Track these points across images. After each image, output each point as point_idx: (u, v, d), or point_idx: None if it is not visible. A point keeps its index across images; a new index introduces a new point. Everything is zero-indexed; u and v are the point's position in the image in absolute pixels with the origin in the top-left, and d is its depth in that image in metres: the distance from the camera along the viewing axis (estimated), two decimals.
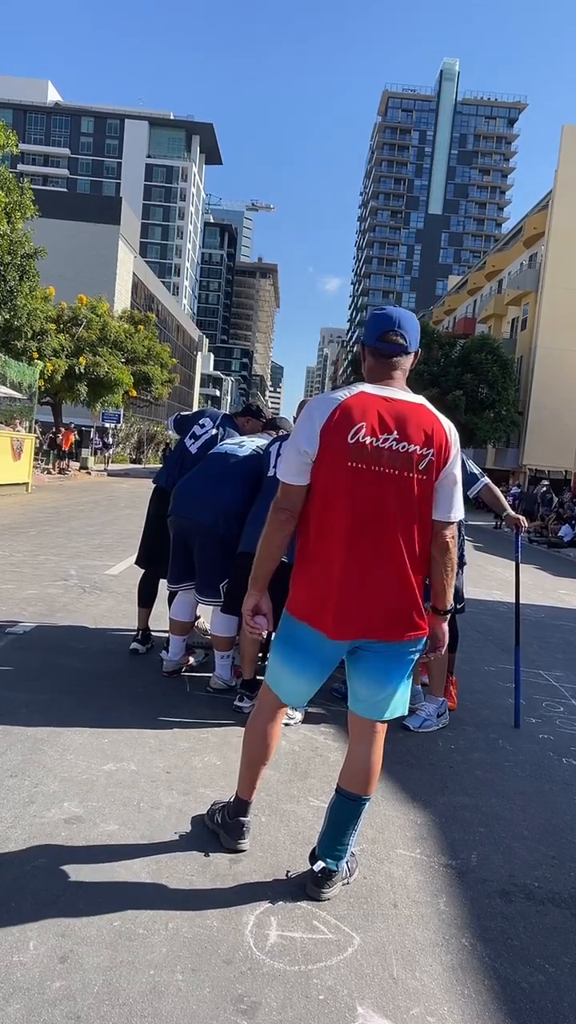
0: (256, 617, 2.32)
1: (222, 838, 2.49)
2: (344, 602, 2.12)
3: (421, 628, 2.22)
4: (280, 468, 2.21)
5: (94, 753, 3.20)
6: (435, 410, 2.18)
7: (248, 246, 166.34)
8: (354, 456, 2.07)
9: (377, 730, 2.31)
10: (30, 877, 2.26)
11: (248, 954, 2.01)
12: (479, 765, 3.49)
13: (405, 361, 2.23)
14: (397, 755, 3.50)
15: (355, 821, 2.32)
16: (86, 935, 2.02)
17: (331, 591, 2.13)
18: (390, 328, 2.20)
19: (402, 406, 2.13)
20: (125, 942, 2.01)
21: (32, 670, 4.22)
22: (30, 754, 3.11)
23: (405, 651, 2.22)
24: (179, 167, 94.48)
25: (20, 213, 16.02)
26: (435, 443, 2.12)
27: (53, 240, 24.44)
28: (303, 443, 2.12)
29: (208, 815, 2.61)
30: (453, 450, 2.18)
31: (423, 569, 2.21)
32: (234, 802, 2.49)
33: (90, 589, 6.61)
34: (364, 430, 2.07)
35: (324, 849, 2.31)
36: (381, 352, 2.21)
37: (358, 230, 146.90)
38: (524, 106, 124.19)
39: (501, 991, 1.98)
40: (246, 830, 2.48)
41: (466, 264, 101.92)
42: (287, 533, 2.23)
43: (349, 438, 2.07)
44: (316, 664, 2.25)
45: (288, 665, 2.27)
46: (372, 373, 2.24)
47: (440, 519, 2.20)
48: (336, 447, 2.07)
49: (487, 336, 38.03)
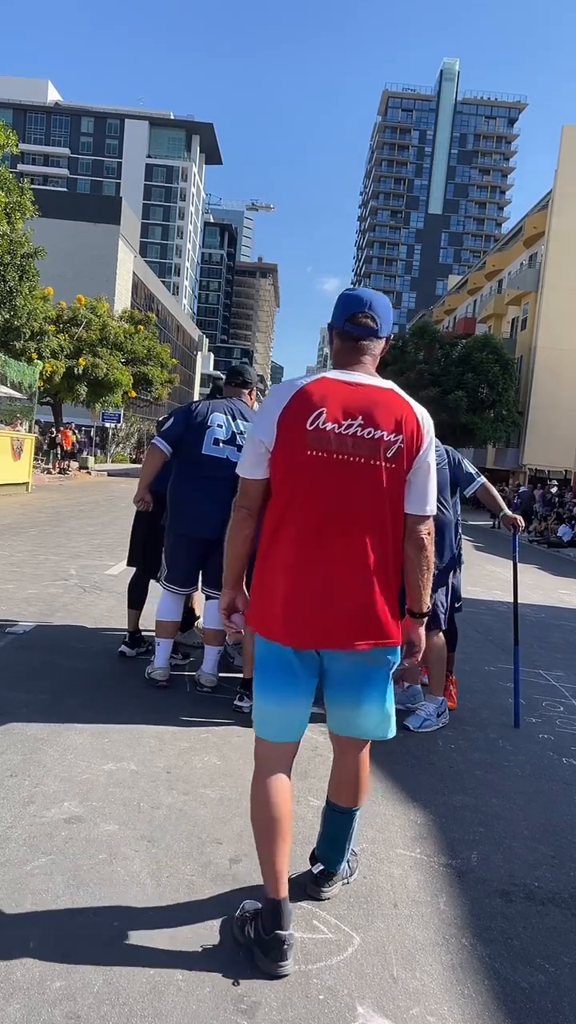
0: (233, 616, 2.17)
1: (257, 958, 1.95)
2: (298, 603, 1.94)
3: (392, 636, 2.00)
4: (239, 463, 2.08)
5: (94, 753, 3.20)
6: (406, 395, 2.03)
7: (248, 246, 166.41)
8: (313, 443, 1.91)
9: (360, 746, 2.16)
10: (30, 877, 2.26)
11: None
12: (479, 765, 3.49)
13: (375, 346, 2.07)
14: (397, 755, 3.50)
15: (349, 829, 2.25)
16: (86, 935, 2.02)
17: (285, 591, 1.95)
18: (360, 310, 2.04)
19: (369, 391, 1.97)
20: (125, 942, 2.01)
21: (32, 670, 4.22)
22: (30, 754, 3.11)
23: (377, 662, 2.02)
24: (179, 167, 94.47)
25: (20, 213, 16.02)
26: (405, 430, 1.95)
27: (53, 240, 24.43)
28: (259, 433, 1.97)
29: (238, 923, 2.06)
30: (426, 438, 2.01)
31: (396, 569, 2.04)
32: (265, 907, 1.99)
33: (90, 589, 6.61)
34: (325, 416, 1.91)
35: (322, 852, 2.28)
36: (350, 335, 2.05)
37: (358, 230, 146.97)
38: (524, 106, 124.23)
39: (501, 991, 1.98)
40: (288, 947, 1.93)
41: (466, 264, 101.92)
42: (248, 532, 2.09)
43: (308, 424, 1.91)
44: (293, 681, 2.01)
45: (267, 693, 2.03)
46: (339, 357, 2.07)
47: (413, 513, 2.02)
48: (294, 434, 1.92)
49: (488, 336, 38.01)
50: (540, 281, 37.16)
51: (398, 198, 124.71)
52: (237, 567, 2.15)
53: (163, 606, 4.24)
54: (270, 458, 1.98)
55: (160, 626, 4.22)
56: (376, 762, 3.36)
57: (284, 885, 1.99)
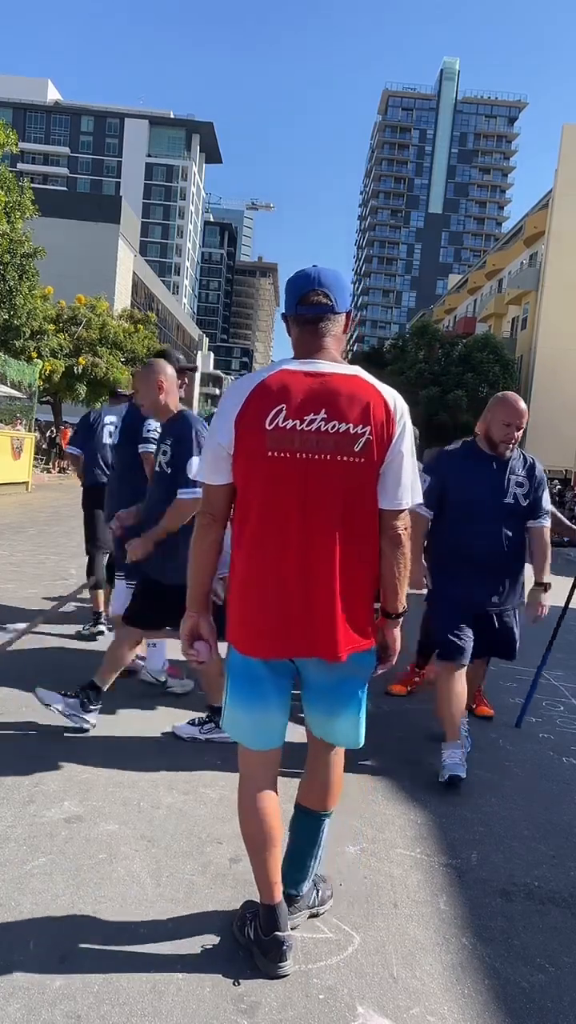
0: (196, 643, 2.02)
1: (257, 959, 1.96)
2: (266, 612, 1.85)
3: (365, 639, 1.92)
4: (198, 467, 1.96)
5: (94, 753, 3.20)
6: (374, 380, 1.87)
7: (248, 245, 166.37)
8: (274, 444, 1.77)
9: (335, 751, 2.09)
10: (30, 877, 2.26)
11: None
12: (479, 765, 3.48)
13: (334, 325, 1.90)
14: (397, 755, 3.50)
15: (316, 838, 2.12)
16: (86, 935, 2.02)
17: (252, 601, 1.86)
18: (309, 288, 1.87)
19: (332, 380, 1.82)
20: (125, 941, 2.01)
21: (32, 670, 4.22)
22: (30, 754, 3.11)
23: (351, 669, 1.92)
24: (179, 166, 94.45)
25: (20, 213, 16.02)
26: (374, 419, 1.80)
27: (53, 239, 24.39)
28: (217, 435, 1.84)
29: (238, 923, 2.08)
30: (398, 425, 1.85)
31: (371, 570, 1.92)
32: (262, 912, 1.98)
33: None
34: (285, 412, 1.77)
35: (286, 874, 2.06)
36: (305, 318, 1.89)
37: (358, 229, 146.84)
38: (524, 105, 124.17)
39: (501, 991, 1.98)
40: (287, 949, 1.94)
41: (466, 263, 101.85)
42: (211, 541, 1.95)
43: (267, 423, 1.77)
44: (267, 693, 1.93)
45: (241, 704, 1.95)
46: (299, 346, 1.92)
47: (388, 508, 1.88)
48: (253, 436, 1.78)
49: (489, 335, 37.99)
50: (540, 281, 37.15)
51: (398, 197, 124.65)
52: (203, 582, 2.00)
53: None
54: (232, 462, 1.85)
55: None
56: (376, 762, 3.37)
57: (278, 890, 1.98)
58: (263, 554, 1.84)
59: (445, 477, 3.46)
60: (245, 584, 1.88)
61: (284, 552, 1.82)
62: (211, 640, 2.05)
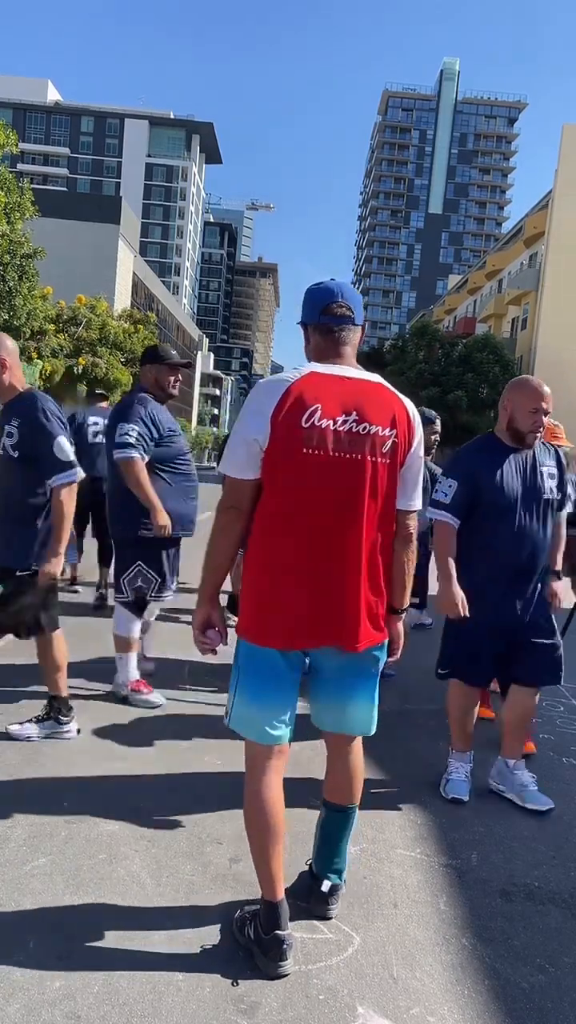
0: (208, 631, 2.07)
1: (257, 959, 1.96)
2: (295, 603, 1.92)
3: (383, 632, 2.05)
4: (225, 461, 2.00)
5: (94, 753, 3.20)
6: (394, 389, 2.01)
7: (248, 245, 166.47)
8: (309, 442, 1.86)
9: (351, 740, 2.16)
10: (30, 877, 2.26)
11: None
12: (479, 765, 3.48)
13: (353, 335, 2.03)
14: (397, 755, 3.50)
15: (348, 830, 2.21)
16: (86, 935, 2.02)
17: (282, 592, 1.92)
18: (333, 300, 2.00)
19: (359, 384, 1.94)
20: (125, 942, 2.01)
21: (32, 670, 4.21)
22: (30, 754, 3.11)
23: (367, 660, 2.04)
24: (179, 166, 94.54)
25: (19, 214, 16.02)
26: (399, 424, 1.94)
27: (53, 240, 24.39)
28: (252, 431, 1.89)
29: (238, 923, 2.09)
30: (417, 432, 2.01)
31: (387, 565, 2.03)
32: (263, 909, 1.99)
33: (90, 589, 6.61)
34: (320, 412, 1.86)
35: (324, 866, 2.19)
36: (327, 327, 2.00)
37: (358, 229, 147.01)
38: (524, 106, 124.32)
39: (501, 991, 1.98)
40: (287, 947, 1.94)
41: (466, 264, 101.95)
42: (237, 534, 2.00)
43: (303, 422, 1.86)
44: (281, 685, 1.99)
45: (254, 699, 1.99)
46: (319, 352, 2.02)
47: (403, 508, 2.03)
48: (289, 433, 1.86)
49: (489, 336, 38.01)
50: (540, 281, 37.17)
51: (398, 198, 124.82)
52: (219, 575, 2.06)
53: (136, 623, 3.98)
54: (263, 458, 1.91)
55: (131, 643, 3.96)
56: (376, 762, 3.36)
57: (281, 887, 2.00)
58: (293, 547, 1.92)
59: (475, 477, 3.02)
60: (271, 575, 1.94)
61: (314, 546, 1.91)
62: (222, 629, 2.09)
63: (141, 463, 3.69)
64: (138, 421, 3.71)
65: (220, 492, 2.03)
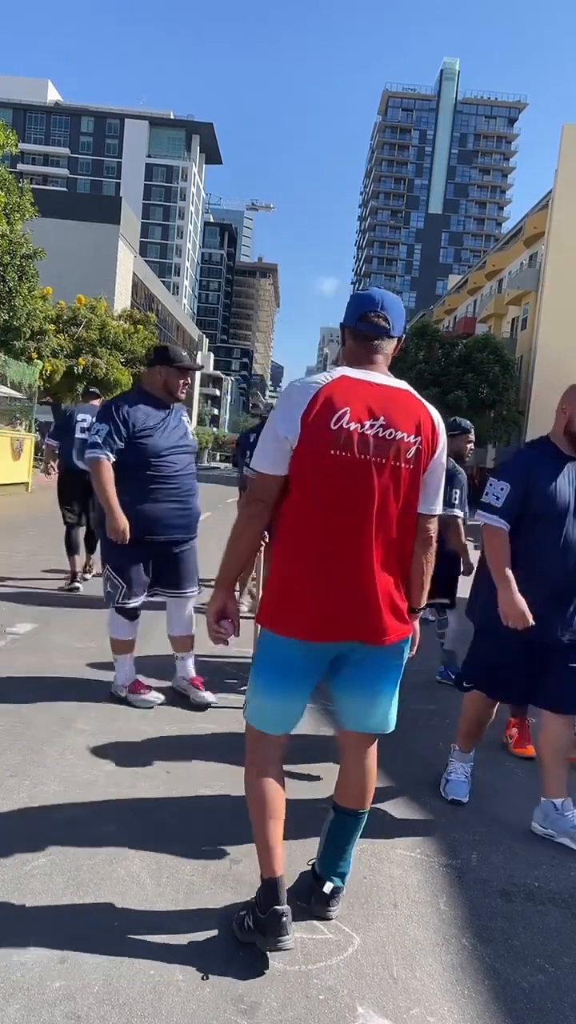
0: (222, 621, 2.13)
1: (258, 941, 1.98)
2: (323, 598, 1.98)
3: (407, 628, 2.11)
4: (255, 456, 2.05)
5: (94, 753, 3.20)
6: (420, 396, 2.08)
7: (248, 246, 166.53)
8: (337, 443, 1.92)
9: (370, 743, 2.20)
10: (30, 877, 2.26)
11: (248, 954, 2.01)
12: (479, 765, 3.48)
13: (387, 345, 2.09)
14: (397, 755, 3.50)
15: (356, 834, 2.22)
16: (86, 935, 2.02)
17: (310, 587, 1.98)
18: (372, 309, 2.06)
19: (388, 391, 2.01)
20: (125, 942, 2.01)
21: (32, 670, 4.22)
22: (30, 754, 3.12)
23: (392, 655, 2.10)
24: (179, 167, 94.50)
25: (19, 214, 16.02)
26: (423, 431, 2.01)
27: (53, 240, 24.39)
28: (282, 429, 1.96)
29: (237, 922, 2.09)
30: (441, 440, 2.07)
31: (407, 565, 2.10)
32: (263, 888, 2.02)
33: (90, 589, 6.61)
34: (348, 415, 1.93)
35: (328, 868, 2.20)
36: (362, 333, 2.07)
37: (358, 230, 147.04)
38: (524, 106, 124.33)
39: (501, 991, 1.98)
40: (286, 921, 1.94)
41: (466, 264, 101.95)
42: (261, 527, 2.07)
43: (332, 424, 1.92)
44: (299, 680, 2.06)
45: (270, 691, 2.06)
46: (352, 356, 2.09)
47: (425, 512, 2.09)
48: (318, 433, 1.92)
49: (489, 336, 38.00)
50: (540, 281, 37.15)
51: (398, 198, 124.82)
52: (239, 565, 2.12)
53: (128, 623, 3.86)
54: (292, 456, 1.97)
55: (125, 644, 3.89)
56: (376, 763, 3.36)
57: (279, 864, 2.04)
58: (317, 544, 1.98)
59: (528, 482, 2.86)
60: (294, 569, 2.00)
61: (337, 543, 1.97)
62: (235, 619, 2.14)
63: (105, 463, 3.62)
64: (111, 420, 3.64)
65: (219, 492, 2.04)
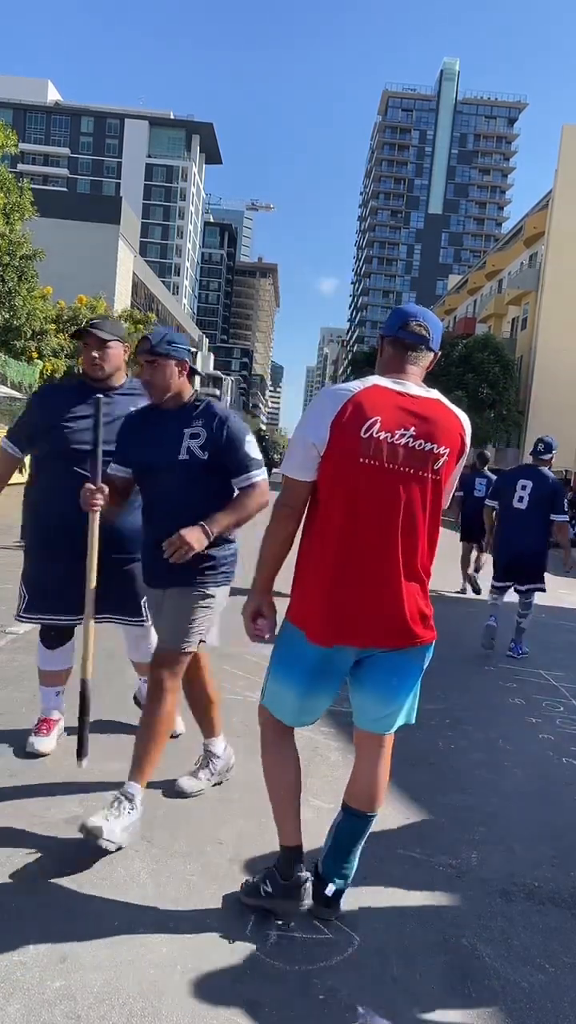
0: (259, 620, 2.16)
1: (276, 908, 2.14)
2: (344, 605, 2.00)
3: (430, 634, 2.11)
4: (284, 461, 2.09)
5: (94, 753, 3.19)
6: (451, 404, 2.08)
7: (248, 246, 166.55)
8: (366, 452, 1.93)
9: (384, 744, 2.22)
10: (30, 877, 2.26)
11: (248, 954, 2.01)
12: (479, 765, 3.49)
13: (424, 358, 2.10)
14: (397, 755, 3.48)
15: (363, 838, 2.23)
16: (86, 935, 2.02)
17: (335, 592, 2.01)
18: (415, 319, 2.08)
19: (420, 402, 2.01)
20: (125, 942, 2.01)
21: (32, 670, 4.21)
22: (30, 755, 3.11)
23: (415, 658, 2.12)
24: (179, 167, 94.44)
25: (19, 214, 16.03)
26: (454, 443, 2.03)
27: (53, 240, 24.39)
28: (311, 436, 1.98)
29: (248, 890, 2.21)
30: (467, 449, 2.10)
31: (428, 570, 2.12)
32: (284, 856, 2.17)
33: None
34: (379, 425, 1.94)
35: (332, 869, 2.20)
36: (403, 343, 2.08)
37: (358, 230, 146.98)
38: (524, 106, 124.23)
39: (501, 991, 1.98)
40: (305, 888, 2.13)
41: (466, 264, 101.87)
42: (291, 531, 2.09)
43: (362, 432, 1.93)
44: (321, 677, 2.09)
45: (289, 683, 2.11)
46: (388, 366, 2.10)
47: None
48: (347, 441, 1.93)
49: (489, 336, 38.00)
50: (540, 281, 37.15)
51: (398, 198, 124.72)
52: (271, 569, 2.14)
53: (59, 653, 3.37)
54: (320, 462, 1.99)
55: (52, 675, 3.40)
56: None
57: (299, 834, 2.17)
58: (349, 550, 2.00)
59: None
60: (320, 574, 2.03)
61: (368, 549, 1.99)
62: (272, 620, 2.17)
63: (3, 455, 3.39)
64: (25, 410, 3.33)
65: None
